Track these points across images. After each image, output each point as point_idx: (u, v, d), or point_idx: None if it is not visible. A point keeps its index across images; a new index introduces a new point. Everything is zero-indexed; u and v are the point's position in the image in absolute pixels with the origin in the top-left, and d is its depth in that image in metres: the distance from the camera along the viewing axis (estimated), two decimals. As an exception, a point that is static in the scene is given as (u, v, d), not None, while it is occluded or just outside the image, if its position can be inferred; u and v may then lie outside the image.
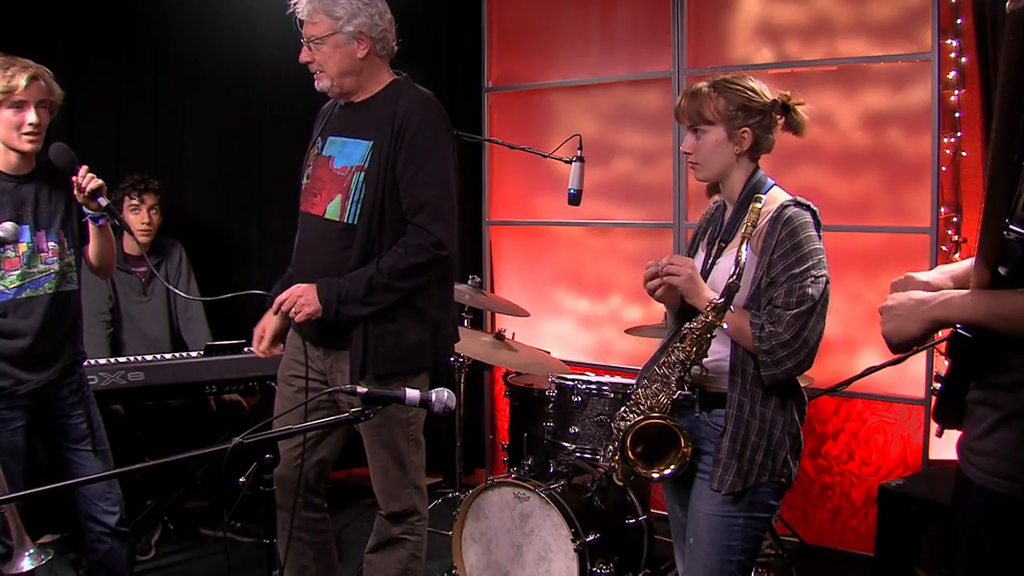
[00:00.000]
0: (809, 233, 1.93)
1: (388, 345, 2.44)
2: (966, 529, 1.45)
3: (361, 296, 2.39)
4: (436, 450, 4.44)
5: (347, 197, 2.44)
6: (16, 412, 2.58)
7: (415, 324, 2.48)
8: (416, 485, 2.58)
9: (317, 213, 2.51)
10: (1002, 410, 1.38)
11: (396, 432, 2.50)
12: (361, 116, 2.52)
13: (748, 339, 1.92)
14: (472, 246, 4.49)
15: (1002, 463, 1.37)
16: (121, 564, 2.82)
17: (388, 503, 2.57)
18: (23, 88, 2.48)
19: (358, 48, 2.44)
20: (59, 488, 1.71)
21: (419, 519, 2.60)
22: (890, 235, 3.50)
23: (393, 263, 2.40)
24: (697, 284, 1.96)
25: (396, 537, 2.58)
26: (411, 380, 2.47)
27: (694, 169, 2.08)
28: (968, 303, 1.37)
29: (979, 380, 1.42)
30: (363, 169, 2.44)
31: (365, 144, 2.46)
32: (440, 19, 4.53)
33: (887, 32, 3.44)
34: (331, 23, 2.41)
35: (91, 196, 2.52)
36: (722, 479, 1.95)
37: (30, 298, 2.60)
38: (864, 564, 3.34)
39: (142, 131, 4.12)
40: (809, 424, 3.60)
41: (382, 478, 2.55)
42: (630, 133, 4.10)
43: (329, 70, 2.45)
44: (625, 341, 4.02)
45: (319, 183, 2.53)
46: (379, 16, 2.46)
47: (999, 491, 1.37)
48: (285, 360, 2.64)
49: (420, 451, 2.60)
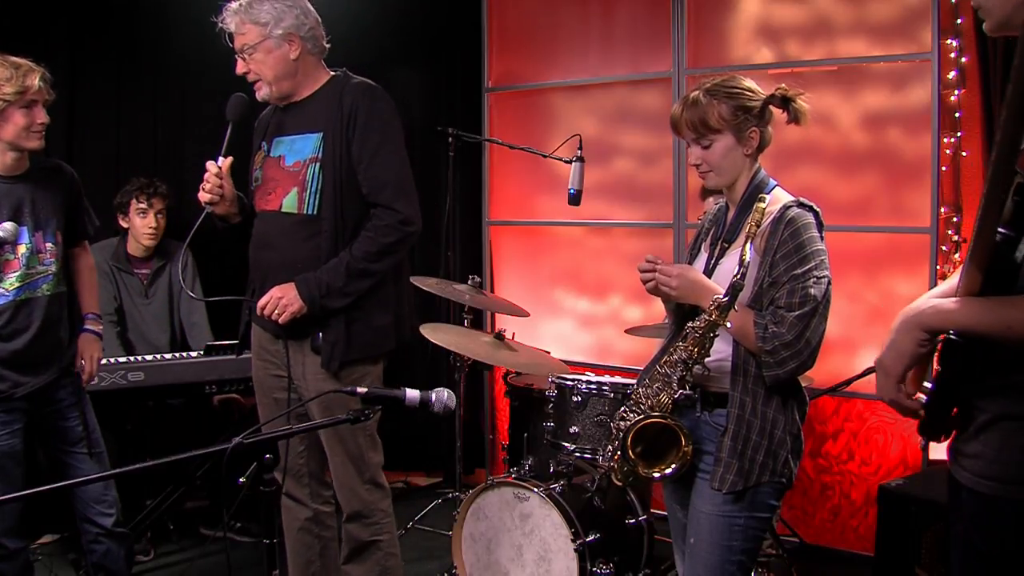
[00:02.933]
0: (812, 234, 1.93)
1: (359, 330, 2.47)
2: (958, 531, 1.45)
3: (341, 287, 2.42)
4: (436, 450, 4.48)
5: (304, 189, 2.47)
6: (13, 415, 2.58)
7: (380, 308, 2.52)
8: (376, 482, 2.59)
9: (273, 208, 2.54)
10: (988, 412, 1.37)
11: (353, 428, 2.50)
12: (306, 112, 2.54)
13: (751, 339, 1.92)
14: (472, 246, 4.49)
15: (989, 465, 1.36)
16: (119, 564, 2.82)
17: (349, 502, 2.58)
18: (36, 88, 2.52)
19: (290, 50, 2.48)
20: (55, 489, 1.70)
21: (384, 517, 2.61)
22: (890, 235, 3.50)
23: (366, 247, 2.43)
24: (694, 284, 1.97)
25: (366, 541, 2.59)
26: (374, 367, 2.53)
27: (706, 177, 2.06)
28: (964, 311, 1.34)
29: (968, 385, 1.40)
30: (318, 160, 2.46)
31: (315, 136, 2.49)
32: (440, 19, 4.52)
33: (887, 32, 3.44)
34: (259, 30, 2.45)
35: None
36: (723, 478, 1.95)
37: (28, 300, 2.60)
38: (864, 564, 3.34)
39: (142, 131, 4.12)
40: (809, 424, 3.60)
41: (340, 476, 2.57)
42: (630, 133, 4.10)
43: (265, 76, 2.50)
44: (625, 341, 4.02)
45: (273, 182, 2.56)
46: (304, 15, 2.50)
47: (988, 493, 1.36)
48: (254, 360, 2.67)
49: (378, 449, 2.61)
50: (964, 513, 1.42)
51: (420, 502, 4.00)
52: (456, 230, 3.91)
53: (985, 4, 1.38)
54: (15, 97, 2.48)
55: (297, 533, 2.67)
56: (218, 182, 2.50)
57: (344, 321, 2.46)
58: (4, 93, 2.47)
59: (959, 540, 1.44)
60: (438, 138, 3.71)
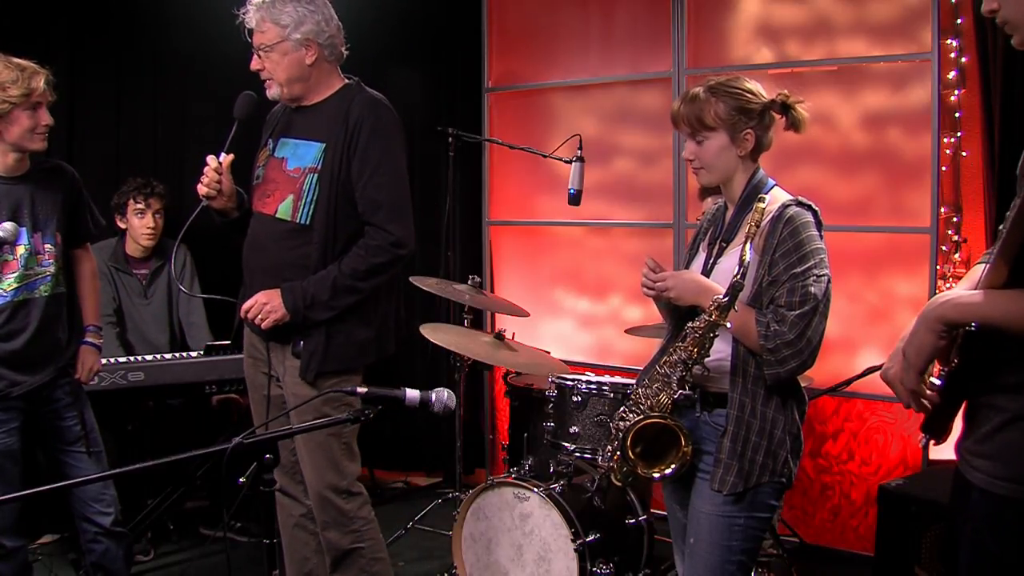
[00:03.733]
0: (811, 232, 1.93)
1: (339, 343, 2.48)
2: (967, 532, 1.43)
3: (326, 300, 2.43)
4: (436, 450, 4.47)
5: (299, 198, 2.48)
6: (10, 413, 2.59)
7: (362, 323, 2.52)
8: (351, 491, 2.56)
9: (268, 213, 2.54)
10: (1007, 412, 1.35)
11: (330, 434, 2.50)
12: (313, 119, 2.55)
13: (753, 338, 1.91)
14: (472, 246, 4.49)
15: (1006, 466, 1.35)
16: (118, 564, 2.82)
17: (323, 509, 2.54)
18: (41, 90, 2.53)
19: (306, 55, 2.48)
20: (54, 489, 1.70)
21: (365, 524, 2.59)
22: (890, 235, 3.50)
23: (355, 264, 2.44)
24: (694, 285, 1.97)
25: (347, 549, 2.57)
26: (353, 378, 2.52)
27: (698, 174, 2.08)
28: (986, 303, 1.32)
29: (982, 382, 1.40)
30: (316, 171, 2.47)
31: (317, 146, 2.49)
32: (440, 19, 4.52)
33: (887, 32, 3.44)
34: (278, 31, 2.45)
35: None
36: (723, 479, 1.95)
37: (26, 300, 2.60)
38: (864, 564, 3.34)
39: (142, 131, 4.12)
40: (809, 424, 3.60)
41: (314, 480, 2.54)
42: (630, 133, 4.10)
43: (278, 77, 2.49)
44: (625, 341, 4.02)
45: (272, 184, 2.56)
46: (325, 22, 2.49)
47: (1003, 494, 1.34)
48: (246, 358, 2.68)
49: (355, 460, 2.60)
50: (974, 514, 1.40)
51: (420, 502, 3.99)
52: (456, 230, 3.91)
53: (1012, 19, 1.37)
54: (21, 99, 2.49)
55: (292, 530, 2.67)
56: (216, 176, 2.51)
57: (325, 333, 2.46)
58: (10, 95, 2.48)
59: (968, 541, 1.43)
60: (438, 138, 3.71)
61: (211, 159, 2.51)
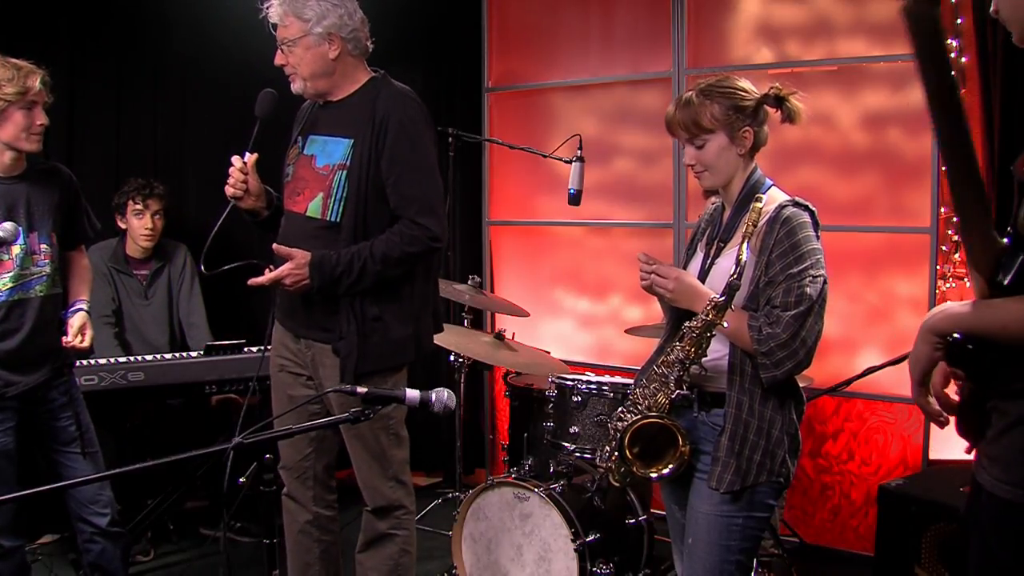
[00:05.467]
0: (807, 233, 1.93)
1: (375, 342, 2.46)
2: (976, 534, 1.44)
3: (350, 283, 2.40)
4: (436, 450, 4.47)
5: (329, 195, 2.46)
6: (6, 413, 2.58)
7: (399, 320, 2.49)
8: (399, 479, 2.59)
9: (299, 211, 2.52)
10: (1009, 416, 1.36)
11: (375, 427, 2.50)
12: (340, 114, 2.53)
13: (746, 341, 1.92)
14: (472, 246, 4.49)
15: (1008, 468, 1.35)
16: (115, 564, 2.82)
17: (372, 498, 2.59)
18: (37, 90, 2.52)
19: (330, 49, 2.45)
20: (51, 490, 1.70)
21: (405, 513, 2.61)
22: (890, 235, 3.50)
23: (387, 250, 2.41)
24: (690, 290, 1.97)
25: (384, 533, 2.59)
26: (393, 375, 2.51)
27: (701, 178, 2.07)
28: (968, 313, 1.37)
29: (990, 387, 1.41)
30: (345, 167, 2.45)
31: (346, 142, 2.47)
32: (440, 19, 4.52)
33: (887, 32, 3.44)
34: (301, 25, 2.43)
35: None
36: (721, 477, 1.95)
37: (21, 300, 2.60)
38: (864, 564, 3.34)
39: (142, 131, 4.12)
40: (809, 424, 3.60)
41: (363, 474, 2.58)
42: (630, 133, 4.10)
43: (302, 72, 2.47)
44: (625, 341, 4.02)
45: (302, 182, 2.54)
46: (349, 16, 2.47)
47: (1006, 497, 1.35)
48: (273, 356, 2.67)
49: (403, 446, 2.61)
50: (982, 516, 1.41)
51: (420, 502, 3.92)
52: (456, 230, 3.91)
53: (1008, 17, 1.38)
54: (16, 97, 2.49)
55: (297, 535, 2.67)
56: (242, 177, 2.48)
57: (359, 333, 2.43)
58: (5, 93, 2.48)
59: (976, 543, 1.44)
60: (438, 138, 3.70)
61: (236, 159, 2.49)
